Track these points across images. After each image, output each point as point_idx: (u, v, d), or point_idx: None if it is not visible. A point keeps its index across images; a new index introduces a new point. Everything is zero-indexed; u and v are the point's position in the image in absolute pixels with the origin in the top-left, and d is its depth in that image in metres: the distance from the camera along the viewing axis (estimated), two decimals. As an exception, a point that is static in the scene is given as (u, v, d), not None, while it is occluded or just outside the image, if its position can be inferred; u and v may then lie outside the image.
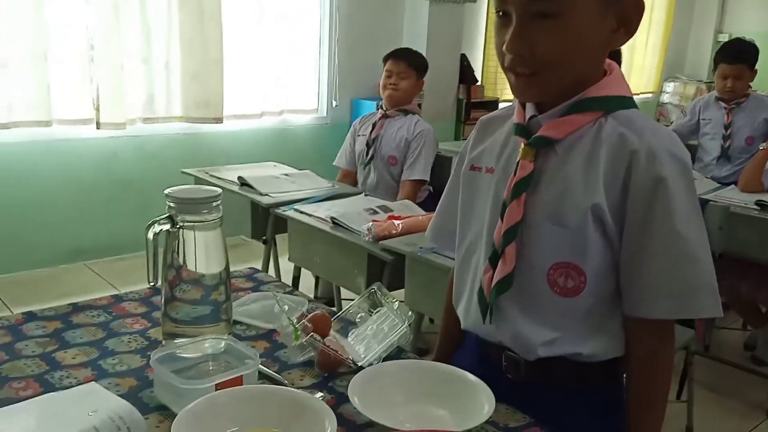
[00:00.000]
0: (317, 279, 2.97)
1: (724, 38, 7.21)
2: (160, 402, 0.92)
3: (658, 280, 0.90)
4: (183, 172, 2.79)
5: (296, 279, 2.44)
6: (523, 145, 0.98)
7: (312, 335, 1.03)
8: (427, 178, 2.80)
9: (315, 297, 3.06)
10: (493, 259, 0.99)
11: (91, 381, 0.96)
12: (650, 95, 7.17)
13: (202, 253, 1.05)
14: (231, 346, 1.01)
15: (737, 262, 2.47)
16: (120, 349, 1.08)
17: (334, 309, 1.26)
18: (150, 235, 1.01)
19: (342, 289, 2.46)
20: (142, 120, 3.71)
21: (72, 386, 0.95)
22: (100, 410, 0.84)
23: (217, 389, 0.89)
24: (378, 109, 2.93)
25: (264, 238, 2.48)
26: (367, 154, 2.84)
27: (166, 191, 1.03)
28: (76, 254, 3.61)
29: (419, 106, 4.80)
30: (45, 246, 3.51)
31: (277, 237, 2.53)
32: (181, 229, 1.02)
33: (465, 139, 4.76)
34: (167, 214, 1.02)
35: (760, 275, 2.50)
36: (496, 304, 0.99)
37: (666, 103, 7.10)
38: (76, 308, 1.21)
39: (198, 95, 3.85)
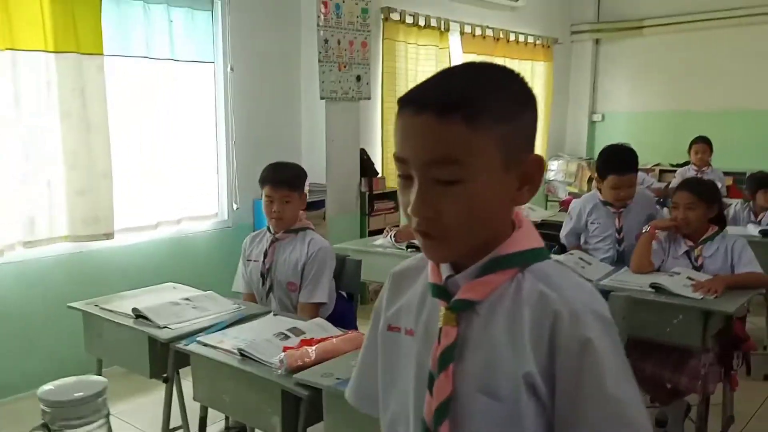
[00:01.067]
0: (227, 420, 2.74)
1: (597, 118, 7.80)
2: None
3: None
4: (69, 307, 2.53)
5: (203, 420, 2.22)
6: (444, 310, 0.91)
7: None
8: (326, 300, 2.64)
9: (227, 428, 2.81)
10: None
11: None
12: (537, 174, 7.54)
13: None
14: None
15: (640, 342, 2.53)
16: None
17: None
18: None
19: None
20: (22, 244, 3.40)
21: None
22: None
23: None
24: (268, 231, 2.76)
25: (165, 375, 2.25)
26: (263, 284, 2.69)
27: (38, 393, 0.86)
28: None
29: (323, 203, 4.79)
30: None
31: (182, 370, 2.32)
32: (57, 439, 0.85)
33: (371, 235, 4.74)
34: (41, 423, 0.85)
35: (663, 354, 2.56)
36: None
37: (552, 180, 7.51)
38: None
39: (85, 211, 3.60)
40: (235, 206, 4.46)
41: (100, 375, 2.21)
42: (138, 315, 2.32)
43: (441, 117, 0.81)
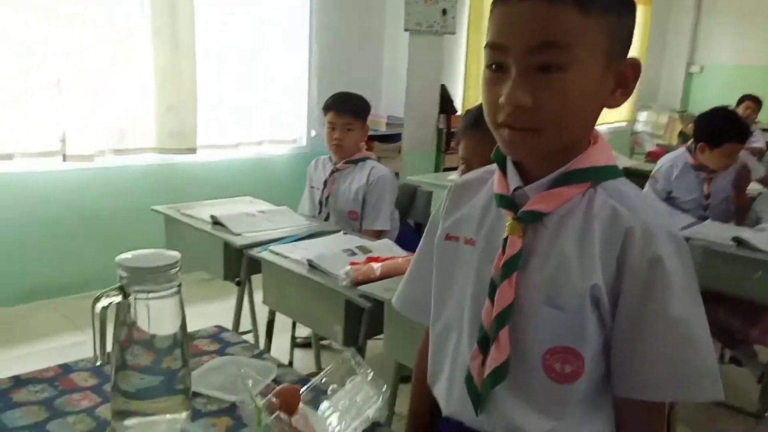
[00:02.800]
0: (294, 324, 2.85)
1: (695, 69, 7.31)
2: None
3: (656, 363, 0.84)
4: (153, 210, 2.67)
5: (271, 323, 2.32)
6: (510, 220, 0.90)
7: (278, 415, 0.93)
8: (387, 227, 2.67)
9: (293, 338, 2.94)
10: (483, 344, 0.90)
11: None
12: (624, 124, 7.22)
13: (155, 324, 0.94)
14: (186, 428, 0.91)
15: (715, 292, 2.46)
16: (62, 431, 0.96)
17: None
18: (97, 309, 0.90)
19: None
20: (112, 152, 3.59)
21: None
22: None
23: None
24: (329, 160, 2.79)
25: (238, 279, 2.36)
26: (319, 212, 2.73)
27: (116, 259, 0.92)
28: (33, 294, 3.45)
29: (399, 136, 4.77)
30: (8, 286, 3.35)
31: (253, 277, 2.42)
32: (134, 301, 0.92)
33: (446, 170, 4.73)
34: (118, 285, 0.92)
35: (735, 304, 2.50)
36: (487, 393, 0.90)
37: (640, 131, 7.16)
38: (19, 383, 1.09)
39: (172, 126, 3.75)
40: (313, 133, 4.52)
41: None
42: (215, 222, 2.42)
43: (552, 1, 0.79)
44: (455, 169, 4.18)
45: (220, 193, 3.35)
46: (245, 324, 2.55)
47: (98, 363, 0.92)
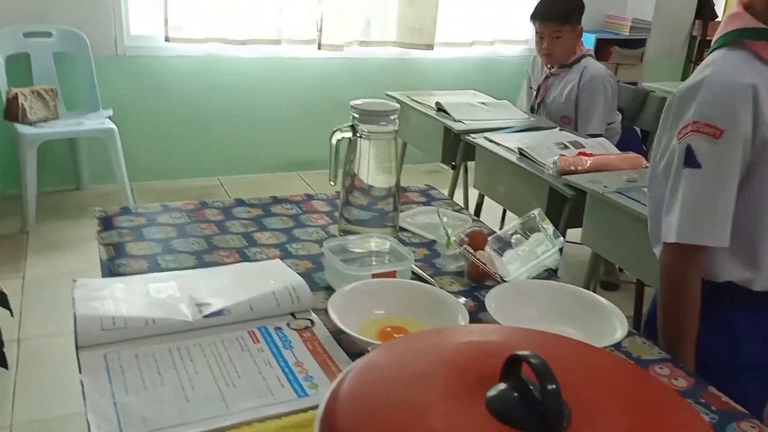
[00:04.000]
0: (504, 212, 3.01)
1: None
2: (326, 283, 1.08)
3: None
4: (387, 95, 2.96)
5: (478, 206, 2.52)
6: None
7: (465, 247, 1.11)
8: (601, 131, 2.58)
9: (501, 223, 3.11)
10: None
11: (277, 258, 1.15)
12: None
13: (374, 164, 1.17)
14: (393, 246, 1.13)
15: None
16: (303, 238, 1.26)
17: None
18: (333, 141, 1.15)
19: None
20: (358, 43, 3.95)
21: (262, 260, 1.15)
22: (280, 280, 1.02)
23: (373, 278, 1.02)
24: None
25: (453, 163, 2.58)
26: (534, 111, 2.73)
27: (351, 102, 1.15)
28: (292, 165, 4.04)
29: (644, 42, 4.46)
30: (267, 155, 3.98)
31: (470, 165, 2.61)
32: (359, 138, 1.15)
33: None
34: (349, 124, 1.15)
35: None
36: None
37: None
38: (276, 200, 1.42)
39: (412, 21, 3.98)
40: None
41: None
42: (439, 108, 2.63)
43: None
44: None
45: (450, 87, 3.55)
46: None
47: (331, 183, 1.18)
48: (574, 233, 2.02)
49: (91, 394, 0.79)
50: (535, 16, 2.60)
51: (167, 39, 3.50)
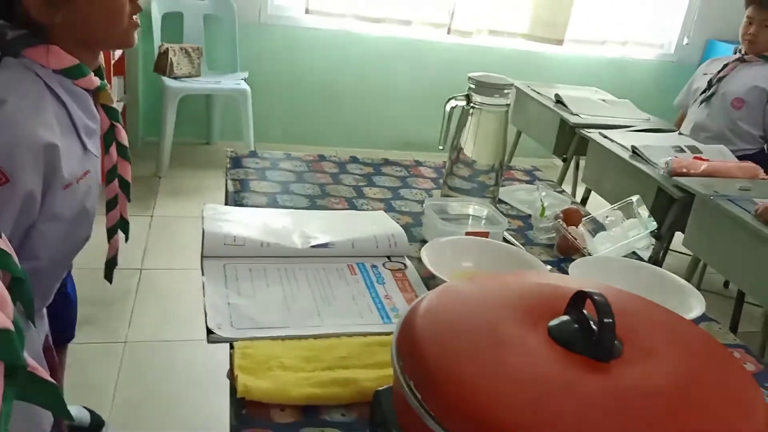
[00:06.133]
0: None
1: None
2: (423, 237, 1.17)
3: None
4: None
5: (584, 201, 2.50)
6: None
7: (559, 221, 1.16)
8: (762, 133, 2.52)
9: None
10: None
11: (381, 210, 1.25)
12: None
13: (482, 136, 1.24)
14: (490, 212, 1.20)
15: None
16: (408, 197, 1.35)
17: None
18: (447, 108, 1.23)
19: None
20: (488, 32, 3.98)
21: (368, 210, 1.26)
22: (382, 227, 1.12)
23: (466, 236, 1.09)
24: (735, 53, 2.68)
25: (564, 156, 2.58)
26: (704, 91, 2.64)
27: (468, 74, 1.23)
28: (407, 145, 4.15)
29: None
30: (385, 133, 4.11)
31: (582, 163, 2.60)
32: (472, 108, 1.22)
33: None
34: (465, 93, 1.23)
35: None
36: None
37: None
38: (387, 162, 1.52)
39: (545, 15, 3.96)
40: (685, 41, 4.26)
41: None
42: (558, 101, 2.63)
43: None
44: None
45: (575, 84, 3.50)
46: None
47: (440, 147, 1.26)
48: (677, 244, 1.99)
49: (210, 293, 0.93)
50: (752, 1, 2.55)
51: (307, 11, 3.70)
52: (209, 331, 0.84)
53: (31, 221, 0.92)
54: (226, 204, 1.23)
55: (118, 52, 3.11)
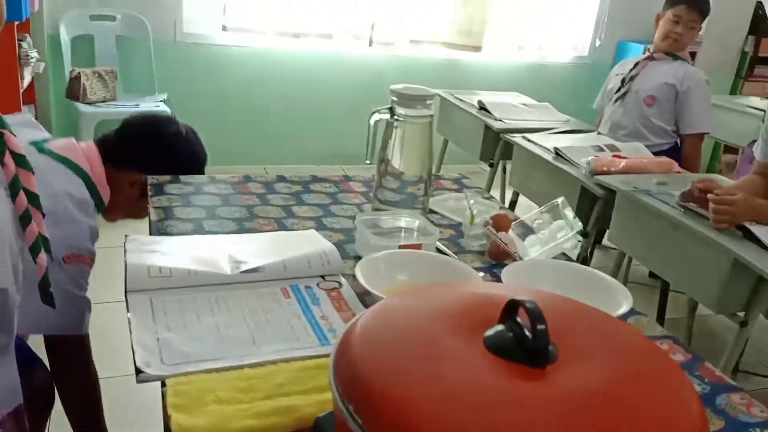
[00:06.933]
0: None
1: None
2: (357, 253, 1.16)
3: None
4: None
5: (513, 204, 2.56)
6: None
7: (488, 227, 1.18)
8: (710, 130, 2.65)
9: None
10: None
11: (312, 229, 1.23)
12: None
13: (409, 148, 1.24)
14: (421, 224, 1.20)
15: None
16: (339, 213, 1.34)
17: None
18: (371, 122, 1.22)
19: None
20: (409, 41, 4.03)
21: (299, 230, 1.24)
22: (314, 246, 1.11)
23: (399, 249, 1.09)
24: (644, 53, 2.81)
25: (491, 161, 2.63)
26: (618, 90, 2.75)
27: (390, 87, 1.23)
28: (335, 158, 4.14)
29: (691, 55, 4.43)
30: (312, 147, 4.09)
31: (508, 164, 2.66)
32: (396, 121, 1.22)
33: (742, 94, 4.32)
34: (388, 106, 1.23)
35: None
36: None
37: None
38: (316, 179, 1.50)
39: (463, 22, 4.04)
40: (597, 42, 4.45)
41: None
42: (481, 107, 2.69)
43: None
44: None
45: (495, 90, 3.59)
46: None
47: (367, 161, 1.25)
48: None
49: (137, 330, 0.89)
50: (681, 1, 2.64)
51: (224, 28, 3.65)
52: (138, 371, 0.80)
53: None
54: (150, 233, 1.19)
55: (27, 79, 2.96)
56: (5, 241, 0.95)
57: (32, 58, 2.95)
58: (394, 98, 1.21)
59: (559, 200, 1.26)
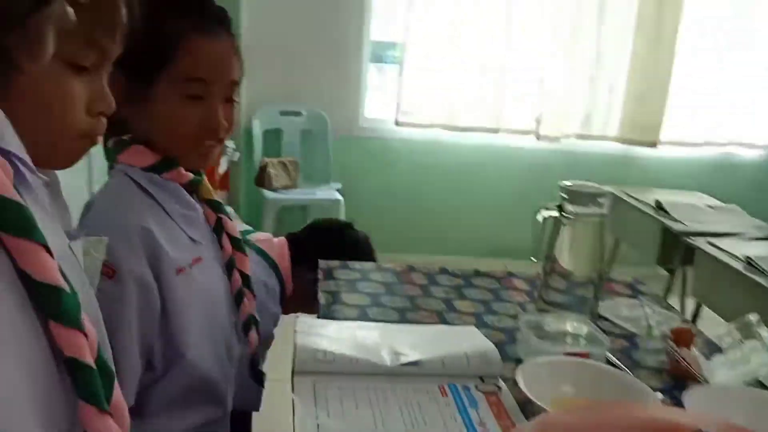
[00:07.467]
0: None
1: None
2: (518, 356, 1.11)
3: None
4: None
5: (694, 316, 2.33)
6: None
7: (669, 342, 1.07)
8: None
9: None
10: None
11: (472, 326, 1.21)
12: None
13: (578, 248, 1.19)
14: (590, 330, 1.13)
15: None
16: (500, 311, 1.30)
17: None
18: (540, 219, 1.20)
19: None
20: (576, 136, 3.95)
21: (459, 325, 1.22)
22: (474, 344, 1.08)
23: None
24: None
25: (669, 266, 2.44)
26: None
27: (560, 182, 1.20)
28: (497, 251, 4.08)
29: None
30: (475, 239, 4.08)
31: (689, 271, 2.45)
32: (565, 218, 1.18)
33: None
34: (557, 204, 1.20)
35: None
36: None
37: None
38: (478, 273, 1.49)
39: (637, 117, 3.90)
40: (793, 140, 4.06)
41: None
42: (659, 207, 2.53)
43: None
44: None
45: (674, 188, 3.37)
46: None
47: (533, 258, 1.22)
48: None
49: (300, 413, 0.91)
50: None
51: (397, 123, 3.84)
52: (296, 455, 0.81)
53: (155, 312, 0.95)
54: (318, 317, 1.23)
55: (223, 167, 3.31)
56: (218, 322, 1.06)
57: (229, 148, 3.31)
58: (564, 195, 1.18)
59: (753, 317, 1.12)
